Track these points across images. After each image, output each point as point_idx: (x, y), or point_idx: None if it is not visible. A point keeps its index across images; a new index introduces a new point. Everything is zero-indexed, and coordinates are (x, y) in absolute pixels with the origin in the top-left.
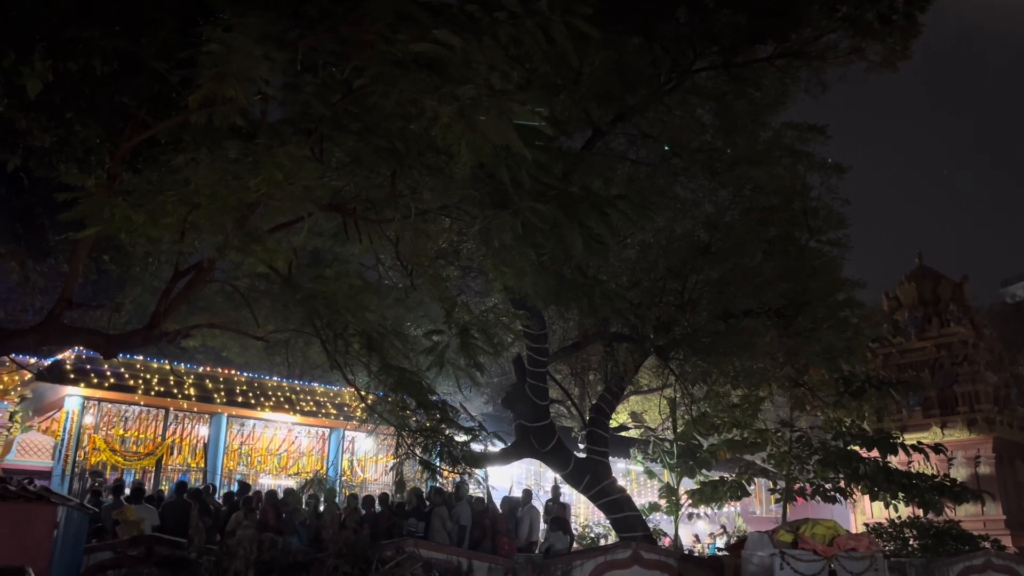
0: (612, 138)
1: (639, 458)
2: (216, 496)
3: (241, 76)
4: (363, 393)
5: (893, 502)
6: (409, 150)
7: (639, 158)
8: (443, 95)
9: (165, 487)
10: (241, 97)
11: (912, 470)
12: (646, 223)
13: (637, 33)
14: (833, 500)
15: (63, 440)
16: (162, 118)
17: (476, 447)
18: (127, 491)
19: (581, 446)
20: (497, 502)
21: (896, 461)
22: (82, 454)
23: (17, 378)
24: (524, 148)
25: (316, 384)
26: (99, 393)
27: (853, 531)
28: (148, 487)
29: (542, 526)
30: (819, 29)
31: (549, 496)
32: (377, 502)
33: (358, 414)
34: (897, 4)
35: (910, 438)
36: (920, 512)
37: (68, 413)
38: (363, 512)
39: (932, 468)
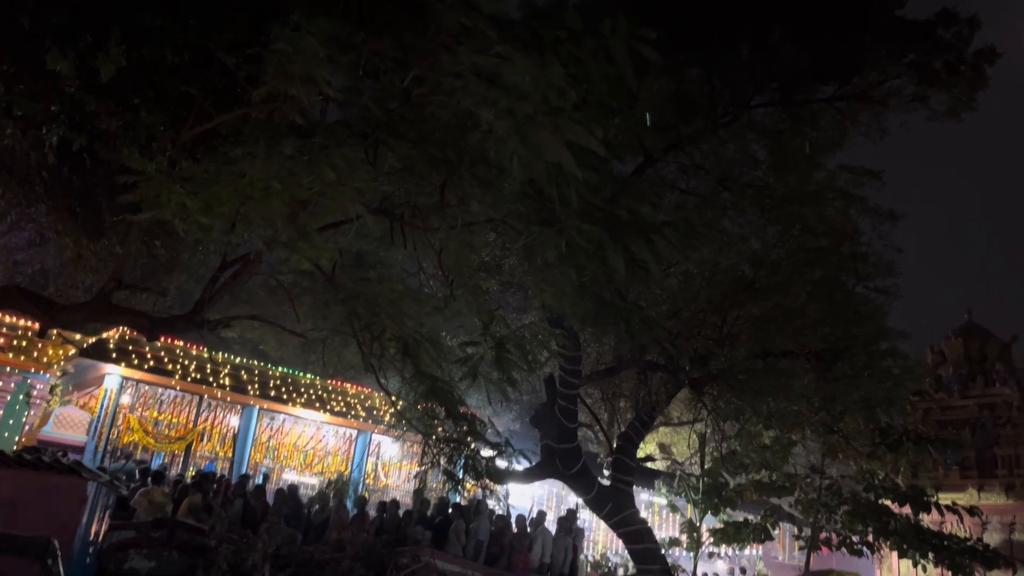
0: (663, 166)
1: (663, 491)
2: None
3: (305, 76)
4: (394, 398)
5: (922, 562)
6: (461, 161)
7: (689, 188)
8: (500, 109)
9: (192, 472)
10: (303, 96)
11: (944, 530)
12: (691, 253)
13: (698, 64)
14: (859, 553)
15: (99, 417)
16: (225, 110)
17: (501, 463)
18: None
19: (606, 473)
20: (512, 520)
21: (928, 520)
22: (115, 432)
23: (62, 352)
24: (576, 168)
25: (348, 384)
26: (138, 374)
27: None
28: (174, 471)
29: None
30: (884, 74)
31: (563, 515)
32: (388, 508)
33: (387, 419)
34: (966, 55)
35: (944, 497)
36: (949, 574)
37: (107, 391)
38: (372, 516)
39: (965, 531)
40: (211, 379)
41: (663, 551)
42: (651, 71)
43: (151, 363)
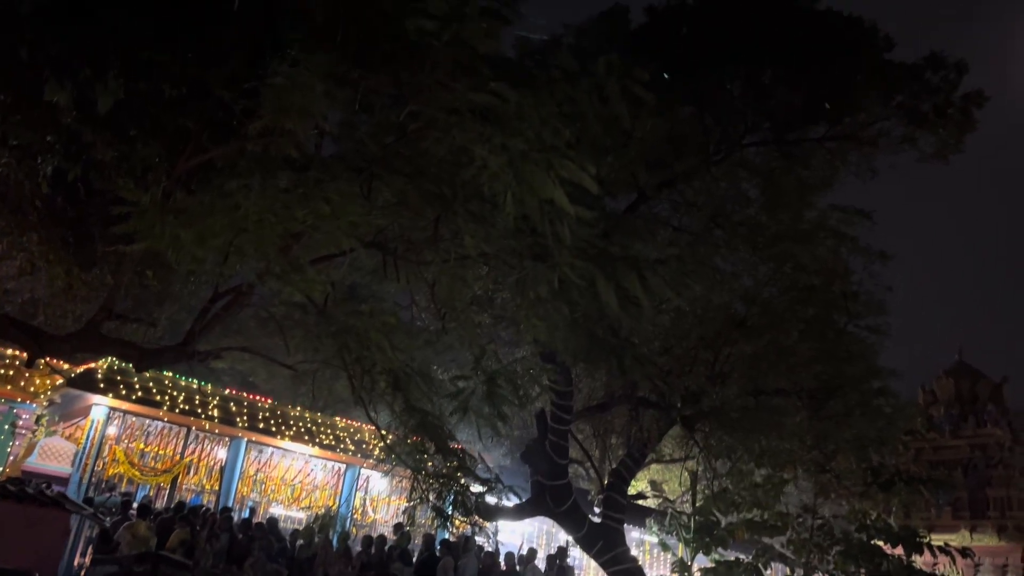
0: (656, 203)
1: (654, 529)
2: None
3: (301, 110)
4: (383, 432)
5: None
6: (455, 196)
7: (681, 225)
8: (494, 146)
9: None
10: (299, 130)
11: (937, 572)
12: (683, 290)
13: (691, 102)
14: None
15: (84, 448)
16: (221, 143)
17: (490, 499)
18: (135, 506)
19: (597, 510)
20: (500, 557)
21: (920, 561)
22: (101, 464)
23: (49, 382)
24: (568, 204)
25: (337, 417)
26: (125, 405)
27: None
28: (159, 504)
29: None
30: (873, 115)
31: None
32: (375, 543)
33: (376, 453)
34: (954, 98)
35: (937, 539)
36: None
37: (93, 422)
38: (358, 551)
39: (958, 572)
40: (199, 410)
41: None
42: (645, 109)
43: (139, 394)
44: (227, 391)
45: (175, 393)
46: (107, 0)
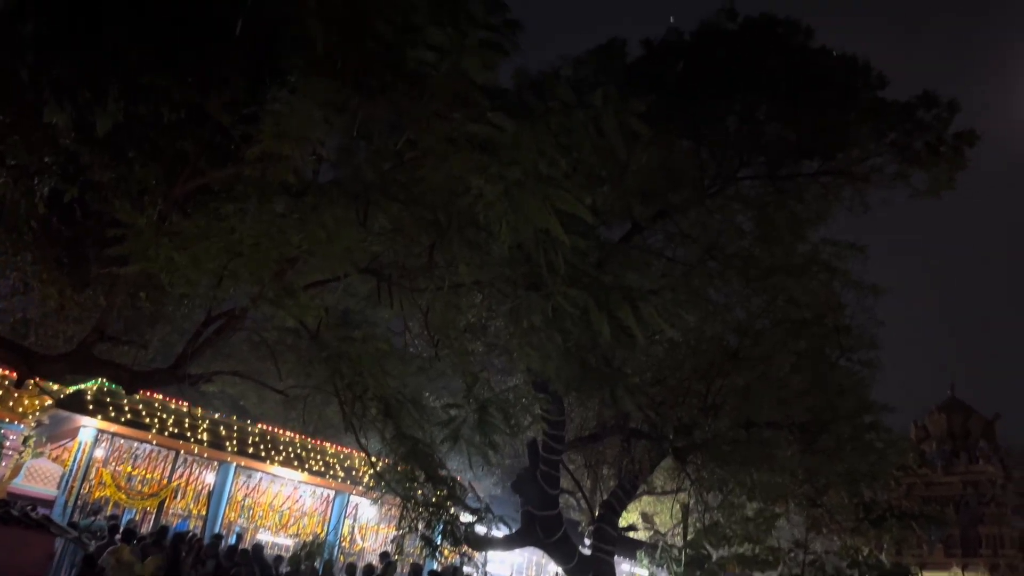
0: (651, 234)
1: (645, 562)
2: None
3: (299, 136)
4: (374, 459)
5: None
6: (451, 224)
7: (676, 256)
8: (490, 175)
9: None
10: (296, 156)
11: None
12: (676, 321)
13: (686, 136)
14: None
15: (71, 470)
16: (218, 167)
17: (480, 529)
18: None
19: (587, 541)
20: None
21: None
22: (87, 487)
23: (38, 403)
24: (563, 234)
25: (328, 443)
26: (114, 427)
27: None
28: (145, 528)
29: None
30: (866, 151)
31: None
32: (361, 572)
33: (365, 480)
34: (946, 136)
35: None
36: None
37: (80, 444)
38: None
39: None
40: (188, 434)
41: None
42: (640, 141)
43: (128, 416)
44: (217, 415)
45: (164, 416)
46: (109, 24)
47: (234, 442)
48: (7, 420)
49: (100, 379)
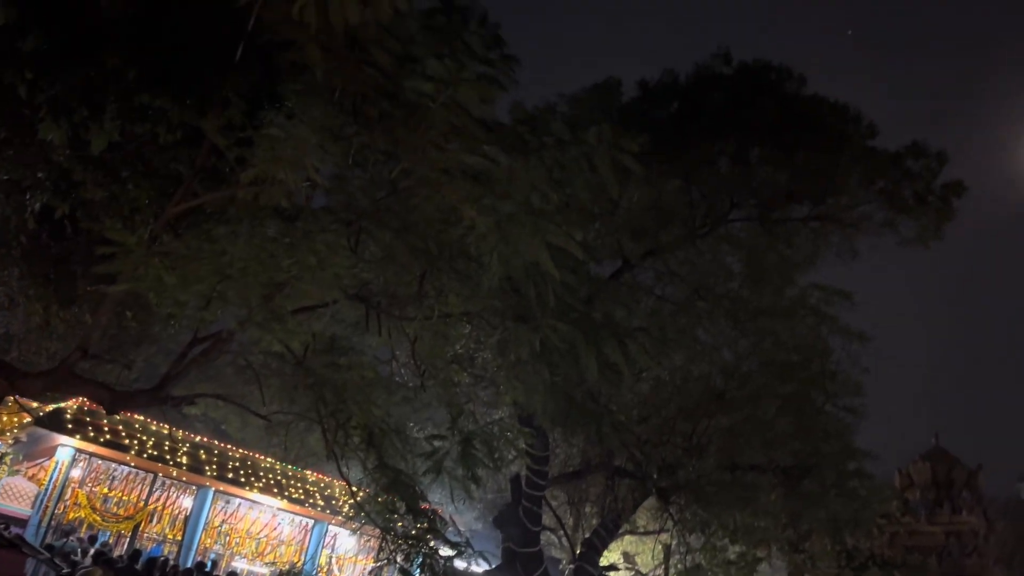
0: (640, 271)
1: None
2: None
3: (294, 161)
4: (354, 488)
5: None
6: (442, 253)
7: (664, 294)
8: (483, 207)
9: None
10: (290, 181)
11: None
12: (663, 359)
13: (679, 175)
14: None
15: (47, 489)
16: (212, 189)
17: (460, 563)
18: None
19: None
20: None
21: None
22: (62, 507)
23: (16, 420)
24: (553, 268)
25: (308, 471)
26: (92, 447)
27: None
28: (119, 551)
29: None
30: (856, 198)
31: None
32: None
33: (345, 509)
34: (934, 186)
35: None
36: None
37: (57, 463)
38: None
39: None
40: (168, 457)
41: None
42: (632, 179)
43: (107, 436)
44: (198, 438)
45: (144, 437)
46: (108, 43)
47: (214, 466)
48: None
49: (81, 398)
